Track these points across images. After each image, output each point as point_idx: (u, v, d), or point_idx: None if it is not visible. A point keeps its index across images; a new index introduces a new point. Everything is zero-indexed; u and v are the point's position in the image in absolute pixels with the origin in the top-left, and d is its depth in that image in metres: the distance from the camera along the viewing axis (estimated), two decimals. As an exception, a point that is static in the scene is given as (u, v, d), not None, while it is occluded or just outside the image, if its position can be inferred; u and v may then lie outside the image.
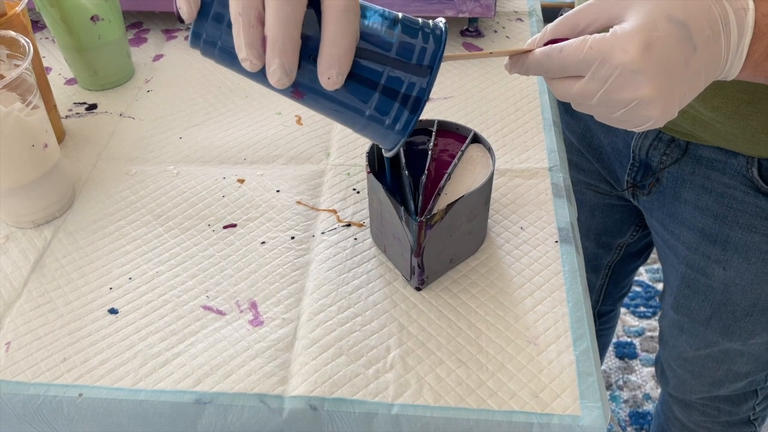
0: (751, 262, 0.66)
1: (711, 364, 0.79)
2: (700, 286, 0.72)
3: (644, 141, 0.69)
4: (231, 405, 0.46)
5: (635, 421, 1.37)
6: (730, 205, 0.64)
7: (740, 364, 0.77)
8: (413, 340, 0.49)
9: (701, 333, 0.76)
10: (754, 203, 0.63)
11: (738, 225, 0.65)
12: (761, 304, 0.69)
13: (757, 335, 0.72)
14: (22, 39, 0.54)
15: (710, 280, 0.70)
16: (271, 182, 0.61)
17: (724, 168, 0.64)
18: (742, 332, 0.72)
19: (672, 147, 0.66)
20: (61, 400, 0.47)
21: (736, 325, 0.72)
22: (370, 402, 0.45)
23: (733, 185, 0.64)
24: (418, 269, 0.50)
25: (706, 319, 0.74)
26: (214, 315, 0.51)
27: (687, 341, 0.79)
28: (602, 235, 0.90)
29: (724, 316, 0.72)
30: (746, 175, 0.62)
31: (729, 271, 0.68)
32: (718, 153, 0.63)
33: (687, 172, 0.67)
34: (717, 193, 0.65)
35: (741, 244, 0.66)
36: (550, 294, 0.51)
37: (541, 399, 0.45)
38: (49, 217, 0.59)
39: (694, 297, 0.73)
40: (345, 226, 0.57)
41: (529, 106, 0.68)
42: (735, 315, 0.71)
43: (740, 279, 0.68)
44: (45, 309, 0.52)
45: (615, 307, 1.06)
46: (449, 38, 0.79)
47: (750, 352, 0.75)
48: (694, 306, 0.74)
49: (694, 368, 0.81)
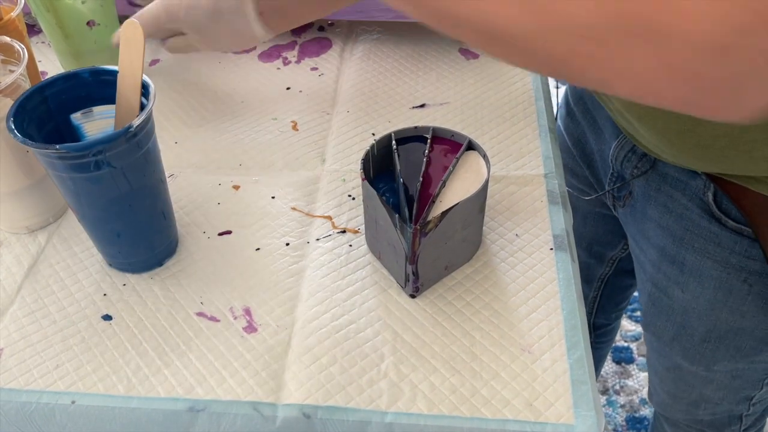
0: (705, 287, 0.65)
1: (683, 386, 0.77)
2: (664, 306, 0.71)
3: (620, 152, 0.68)
4: (224, 413, 0.46)
5: (632, 425, 1.37)
6: (687, 227, 0.63)
7: (710, 390, 0.75)
8: (407, 347, 0.49)
9: (667, 354, 0.75)
10: (708, 228, 0.61)
11: (693, 248, 0.63)
12: (717, 332, 0.67)
13: (719, 362, 0.71)
14: (17, 45, 0.54)
15: (671, 300, 0.69)
16: (266, 188, 0.61)
17: (684, 188, 0.62)
18: (702, 358, 0.71)
19: (643, 161, 0.66)
20: (54, 407, 0.46)
21: (695, 350, 0.71)
22: (364, 410, 0.45)
23: (691, 207, 0.62)
24: (413, 276, 0.50)
25: (670, 340, 0.73)
26: (208, 322, 0.51)
27: (658, 360, 0.78)
28: (594, 244, 0.90)
29: (684, 339, 0.71)
30: (702, 199, 0.61)
31: (686, 293, 0.67)
32: (681, 173, 0.62)
33: (654, 189, 0.66)
34: (677, 213, 0.64)
35: (695, 268, 0.64)
36: (545, 302, 0.51)
37: (535, 407, 0.45)
38: (43, 223, 0.58)
39: (659, 316, 0.72)
40: (340, 233, 0.57)
41: (525, 112, 0.68)
42: (693, 339, 0.70)
43: (696, 303, 0.67)
44: (38, 315, 0.52)
45: (611, 322, 1.05)
46: (446, 43, 0.80)
47: (717, 379, 0.73)
48: (659, 325, 0.73)
49: (669, 389, 0.80)
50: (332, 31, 0.83)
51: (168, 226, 0.54)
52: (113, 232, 0.51)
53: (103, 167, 0.46)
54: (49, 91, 0.50)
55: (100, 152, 0.45)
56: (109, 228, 0.51)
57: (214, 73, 0.76)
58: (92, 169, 0.46)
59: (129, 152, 0.47)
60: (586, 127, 0.76)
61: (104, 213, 0.50)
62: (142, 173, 0.49)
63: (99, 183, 0.47)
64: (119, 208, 0.49)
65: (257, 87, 0.74)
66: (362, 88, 0.73)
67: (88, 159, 0.45)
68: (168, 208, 0.54)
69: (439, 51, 0.78)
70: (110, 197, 0.48)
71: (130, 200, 0.49)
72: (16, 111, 0.47)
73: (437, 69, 0.75)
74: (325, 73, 0.76)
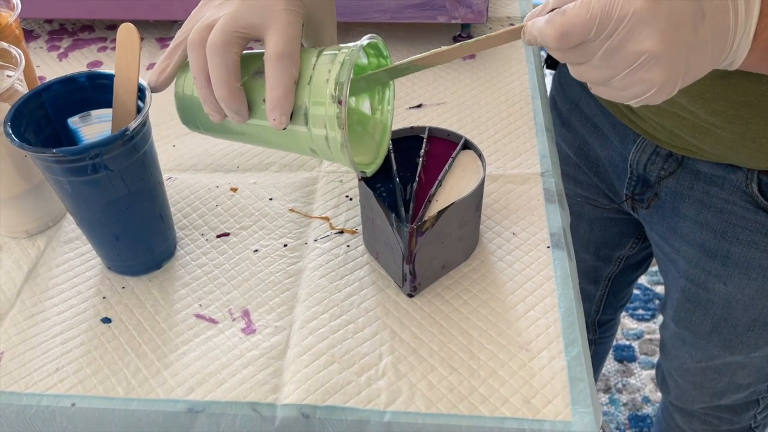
0: (752, 277, 0.66)
1: (712, 375, 0.78)
2: (701, 301, 0.71)
3: (641, 156, 0.68)
4: (223, 413, 0.46)
5: (635, 424, 1.37)
6: (730, 220, 0.64)
7: (742, 376, 0.77)
8: (405, 347, 0.49)
9: (703, 346, 0.76)
10: (754, 219, 0.62)
11: (738, 241, 0.64)
12: (762, 319, 0.69)
13: (760, 349, 0.72)
14: (14, 50, 0.54)
15: (711, 294, 0.70)
16: (264, 190, 0.62)
17: (723, 183, 0.63)
18: (743, 346, 0.72)
19: (670, 162, 0.66)
20: (54, 410, 0.47)
21: (737, 340, 0.72)
22: (363, 409, 0.45)
23: (733, 200, 0.63)
24: (410, 276, 0.50)
25: (708, 333, 0.73)
26: (207, 323, 0.51)
27: (689, 353, 0.78)
28: (602, 248, 0.90)
29: (725, 331, 0.72)
30: (746, 191, 0.62)
31: (729, 286, 0.67)
32: (716, 168, 0.63)
33: (686, 187, 0.66)
34: (716, 208, 0.65)
35: (741, 259, 0.65)
36: (542, 299, 0.51)
37: (533, 405, 0.45)
38: (42, 227, 0.59)
39: (695, 311, 0.73)
40: (338, 233, 0.57)
41: (521, 111, 0.68)
42: (736, 330, 0.71)
43: (741, 294, 0.67)
44: (38, 319, 0.52)
45: (615, 316, 1.06)
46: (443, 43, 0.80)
47: (752, 364, 0.75)
48: (695, 320, 0.74)
49: (695, 379, 0.81)
50: (329, 32, 0.83)
51: (166, 229, 0.55)
52: (111, 236, 0.52)
53: (100, 171, 0.46)
54: (46, 96, 0.51)
55: (97, 156, 0.45)
56: (107, 231, 0.52)
57: (211, 76, 0.77)
58: (89, 172, 0.46)
59: (126, 155, 0.47)
60: (588, 135, 0.76)
61: (102, 216, 0.50)
62: (139, 176, 0.49)
63: (96, 186, 0.47)
64: (117, 211, 0.50)
65: (255, 89, 0.74)
66: (359, 89, 0.73)
67: (85, 162, 0.45)
68: (166, 211, 0.54)
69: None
70: (108, 200, 0.49)
71: (128, 203, 0.50)
72: (13, 116, 0.48)
73: (433, 69, 0.75)
74: (322, 74, 0.76)
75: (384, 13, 0.76)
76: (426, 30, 0.82)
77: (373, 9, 0.76)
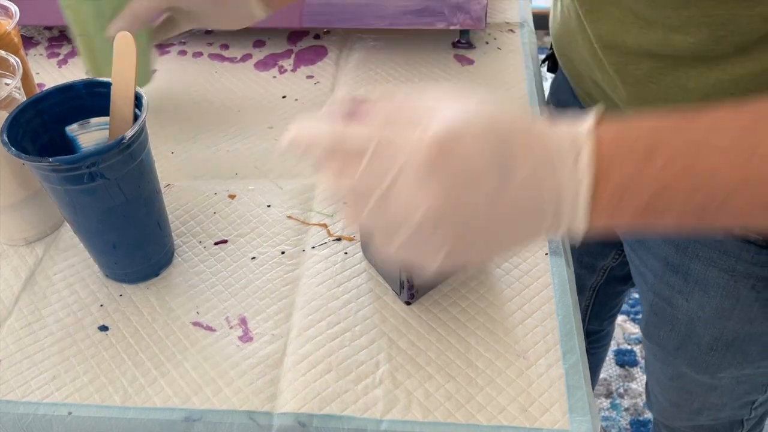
0: (711, 296, 0.64)
1: (685, 395, 0.77)
2: (667, 316, 0.70)
3: None
4: (220, 422, 0.46)
5: (636, 429, 1.37)
6: (690, 236, 0.63)
7: (714, 397, 0.75)
8: (402, 355, 0.49)
9: (671, 362, 0.74)
10: (712, 237, 0.61)
11: (697, 257, 0.63)
12: (724, 340, 0.67)
13: (725, 370, 0.70)
14: (12, 58, 0.54)
15: (675, 310, 0.69)
16: (262, 197, 0.62)
17: None
18: (708, 366, 0.70)
19: None
20: (51, 418, 0.47)
21: (701, 359, 0.70)
22: (359, 418, 0.45)
23: None
24: (408, 283, 0.50)
25: (674, 349, 0.72)
26: (204, 331, 0.51)
27: (661, 369, 0.77)
28: (584, 256, 0.89)
29: (690, 349, 0.71)
30: None
31: (691, 303, 0.66)
32: None
33: None
34: None
35: (701, 277, 0.64)
36: (540, 307, 0.51)
37: (530, 413, 0.45)
38: (40, 235, 0.59)
39: (663, 326, 0.72)
40: (335, 241, 0.57)
41: (520, 117, 0.68)
42: (700, 348, 0.69)
43: (702, 312, 0.66)
44: (35, 327, 0.52)
45: (604, 327, 1.05)
46: (442, 49, 0.80)
47: (721, 385, 0.73)
48: (662, 335, 0.73)
49: (671, 397, 0.80)
50: (327, 38, 0.83)
51: (164, 236, 0.55)
52: (109, 243, 0.52)
53: (97, 179, 0.46)
54: (43, 104, 0.51)
55: (94, 164, 0.45)
56: (104, 239, 0.52)
57: (209, 82, 0.77)
58: (86, 180, 0.46)
59: (123, 163, 0.47)
60: None
61: (100, 224, 0.50)
62: (136, 184, 0.49)
63: (93, 194, 0.47)
64: (114, 219, 0.50)
65: (253, 96, 0.74)
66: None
67: (82, 171, 0.45)
68: (163, 218, 0.54)
69: (434, 57, 0.78)
70: (105, 208, 0.49)
71: (125, 211, 0.50)
72: (10, 124, 0.48)
73: (432, 75, 0.75)
74: (321, 81, 0.76)
75: (383, 19, 0.76)
76: (425, 36, 0.82)
77: (371, 15, 0.77)
